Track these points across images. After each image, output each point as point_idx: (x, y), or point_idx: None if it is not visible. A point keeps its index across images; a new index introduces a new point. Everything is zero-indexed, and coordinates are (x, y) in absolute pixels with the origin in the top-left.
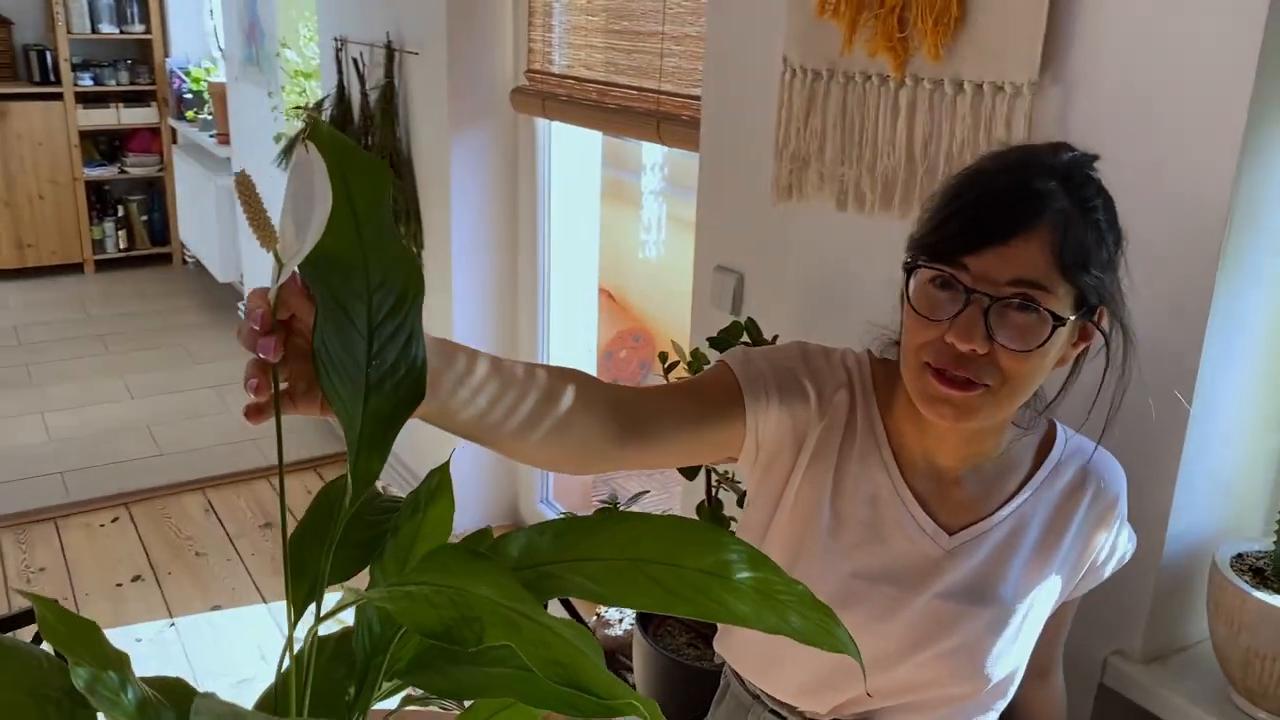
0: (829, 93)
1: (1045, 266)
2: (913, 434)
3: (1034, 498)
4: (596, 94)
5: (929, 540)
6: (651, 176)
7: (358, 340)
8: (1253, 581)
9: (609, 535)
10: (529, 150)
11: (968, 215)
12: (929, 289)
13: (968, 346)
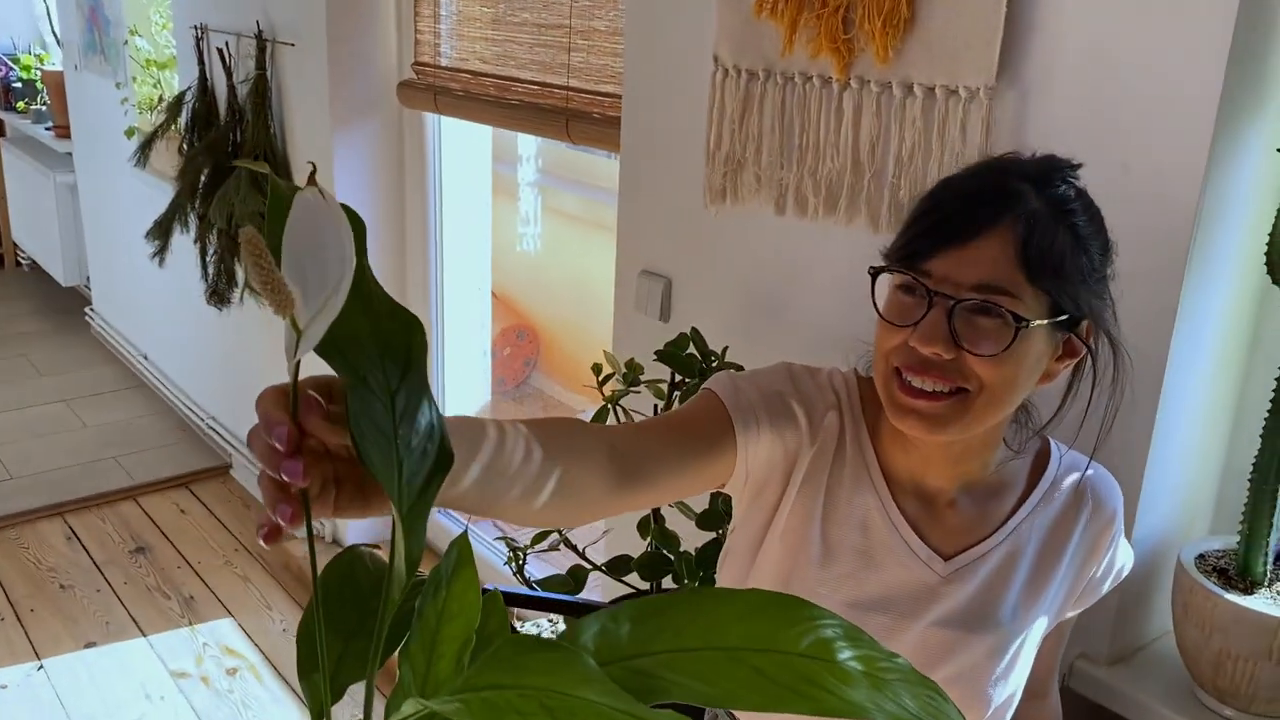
0: (765, 94)
1: (1009, 268)
2: (901, 455)
3: (1030, 518)
4: (495, 89)
5: (923, 566)
6: (527, 168)
7: (382, 411)
8: (1219, 582)
9: (690, 618)
10: (417, 147)
11: (932, 218)
12: (896, 295)
13: (930, 350)
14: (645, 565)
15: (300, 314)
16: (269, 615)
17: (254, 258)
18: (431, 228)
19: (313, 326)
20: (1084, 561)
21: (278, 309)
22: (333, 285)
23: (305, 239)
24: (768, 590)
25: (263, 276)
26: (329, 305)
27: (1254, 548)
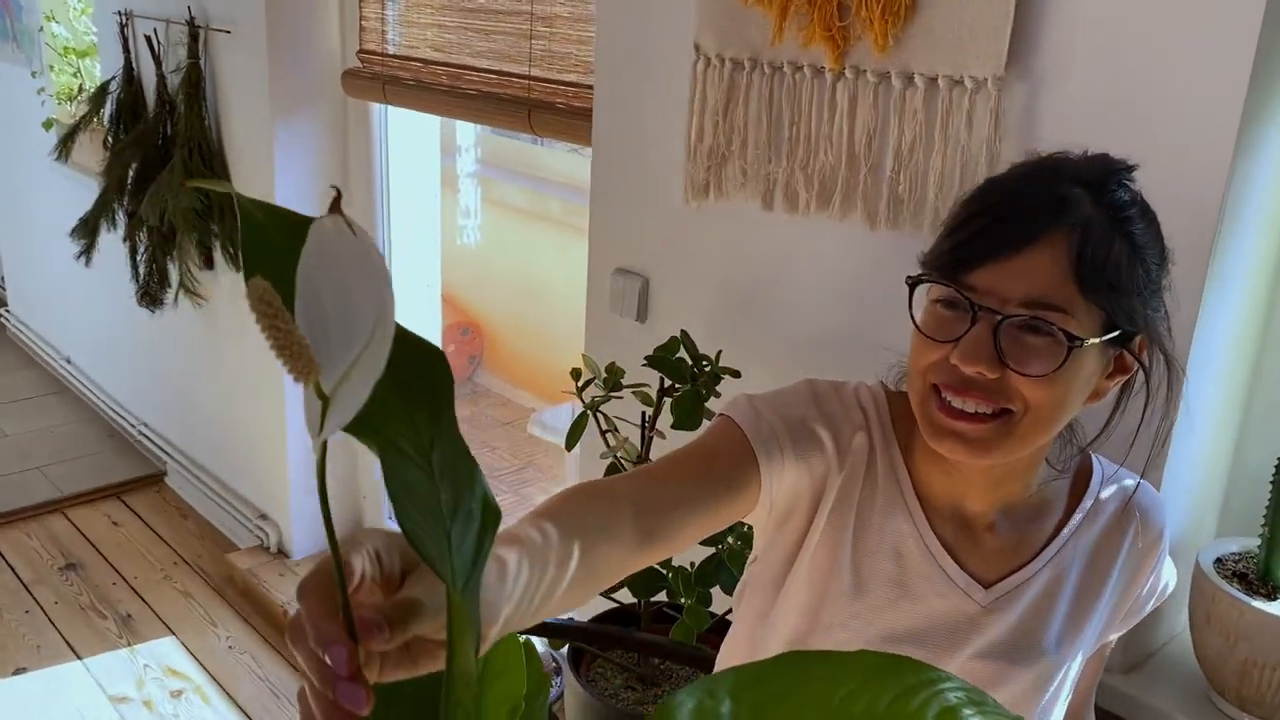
0: (751, 84)
1: (1061, 281)
2: (938, 477)
3: (1073, 539)
4: (448, 78)
5: (962, 595)
6: (466, 159)
7: (423, 479)
8: (1241, 588)
9: (797, 689)
10: (363, 139)
11: (977, 225)
12: (935, 308)
13: (973, 369)
14: (637, 581)
15: (325, 377)
16: (214, 632)
17: (267, 315)
18: (380, 223)
19: (344, 393)
20: (1129, 582)
21: (298, 375)
22: (364, 338)
23: (323, 280)
24: (875, 652)
25: (279, 338)
26: (363, 363)
27: (1275, 551)
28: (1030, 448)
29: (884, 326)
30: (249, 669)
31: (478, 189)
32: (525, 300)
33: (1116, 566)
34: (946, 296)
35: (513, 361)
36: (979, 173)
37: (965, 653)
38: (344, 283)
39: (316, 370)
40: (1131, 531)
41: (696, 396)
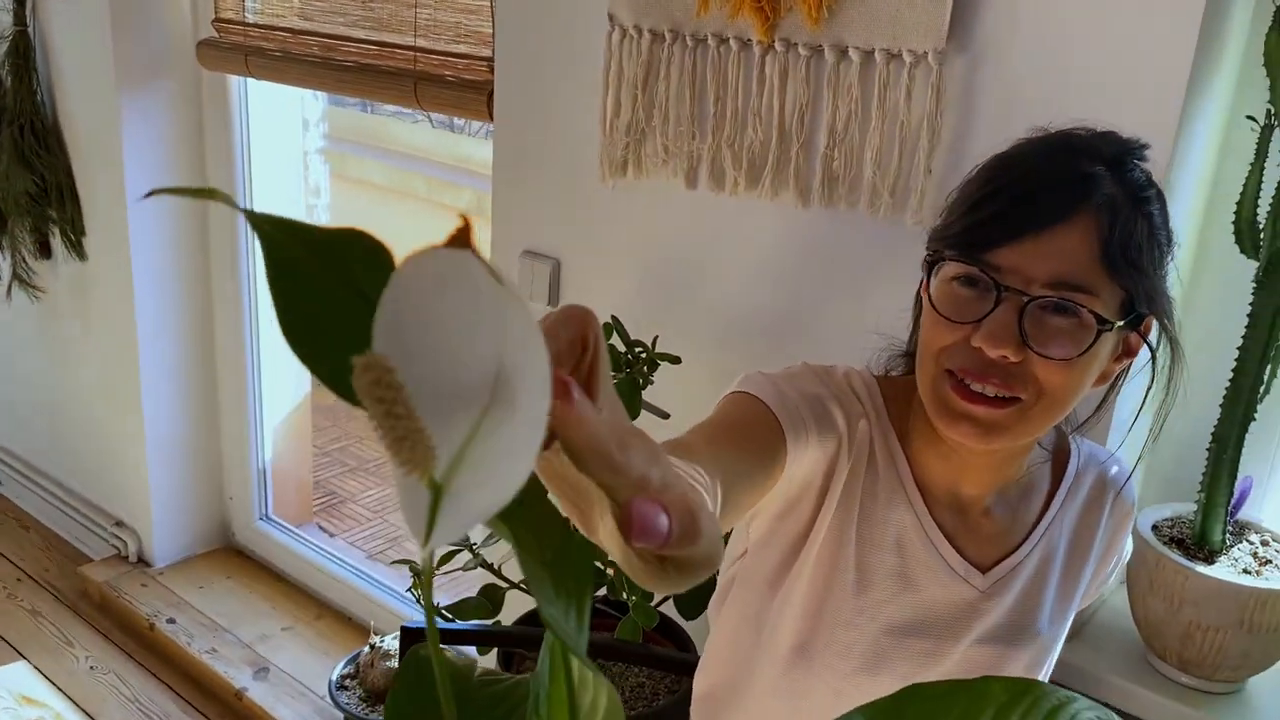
0: (672, 57)
1: (1088, 262)
2: (936, 463)
3: (1059, 518)
4: (320, 49)
5: (962, 583)
6: (313, 134)
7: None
8: (1180, 554)
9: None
10: (221, 115)
11: (1000, 202)
12: (953, 287)
13: (998, 352)
14: None
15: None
16: (70, 654)
17: (384, 400)
18: (241, 203)
19: (466, 481)
20: (1105, 552)
21: (412, 466)
22: (478, 403)
23: (416, 331)
24: (1002, 678)
25: (393, 424)
26: (487, 439)
27: (1212, 516)
28: (1041, 431)
29: (820, 308)
30: (115, 690)
31: (326, 166)
32: None
33: (1097, 540)
34: (967, 275)
35: None
36: (919, 148)
37: (967, 640)
38: (450, 333)
39: (433, 460)
40: (1109, 504)
41: (633, 384)
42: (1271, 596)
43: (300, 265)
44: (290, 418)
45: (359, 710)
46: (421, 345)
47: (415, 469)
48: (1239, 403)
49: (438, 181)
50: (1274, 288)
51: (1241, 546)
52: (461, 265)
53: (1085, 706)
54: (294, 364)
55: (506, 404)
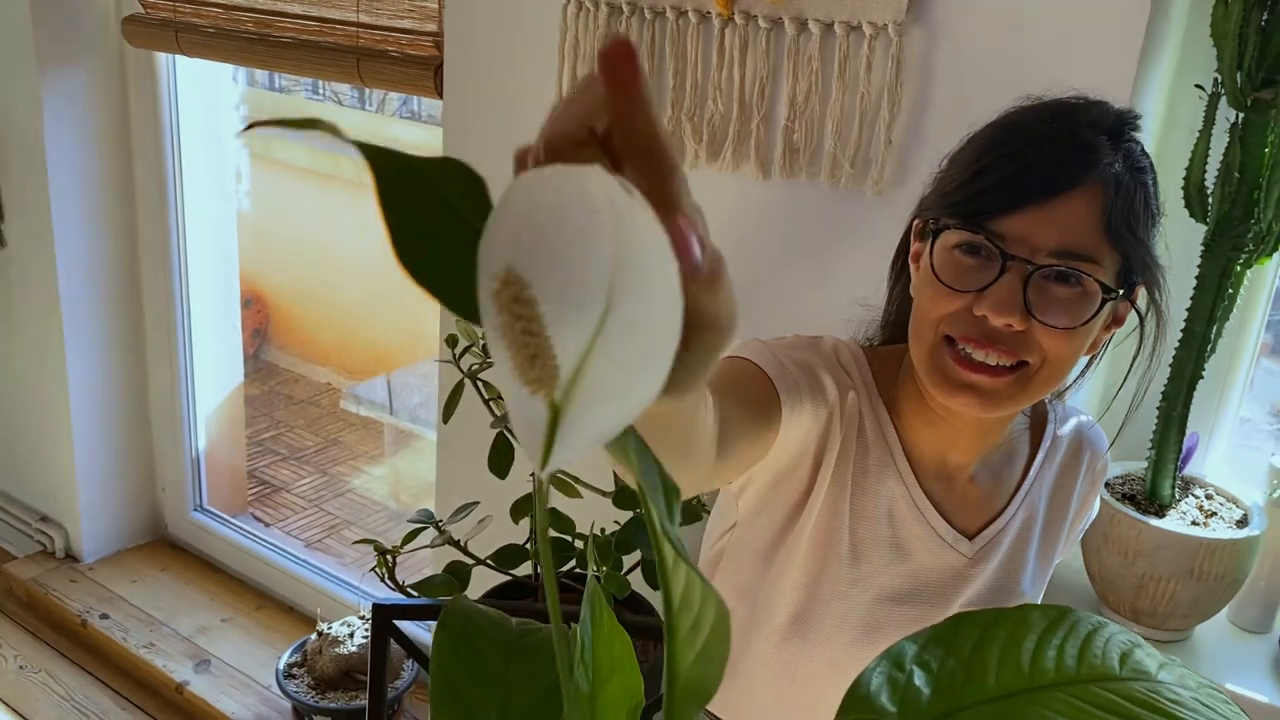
0: (630, 30)
1: (1092, 231)
2: (925, 432)
3: (1038, 480)
4: (255, 24)
5: (951, 550)
6: (232, 117)
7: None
8: (1134, 509)
9: (985, 651)
10: (148, 95)
11: (1005, 169)
12: (955, 255)
13: (1003, 321)
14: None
15: (592, 389)
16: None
17: (517, 311)
18: (171, 188)
19: (584, 398)
20: (1079, 510)
21: (538, 385)
22: (596, 308)
23: (538, 248)
24: (1040, 605)
25: (527, 341)
26: (608, 347)
27: (1162, 473)
28: (1035, 400)
29: (782, 278)
30: (46, 689)
31: (246, 149)
32: (313, 269)
33: (1074, 498)
34: (970, 243)
35: (303, 335)
36: (880, 120)
37: (955, 605)
38: (563, 247)
39: (556, 379)
40: (1085, 464)
41: None
42: (1218, 545)
43: (407, 194)
44: (223, 406)
45: (308, 698)
46: (534, 261)
47: (541, 388)
48: (1188, 362)
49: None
50: (1221, 250)
51: (1188, 501)
52: (580, 176)
53: (1116, 631)
54: (226, 352)
55: (626, 319)
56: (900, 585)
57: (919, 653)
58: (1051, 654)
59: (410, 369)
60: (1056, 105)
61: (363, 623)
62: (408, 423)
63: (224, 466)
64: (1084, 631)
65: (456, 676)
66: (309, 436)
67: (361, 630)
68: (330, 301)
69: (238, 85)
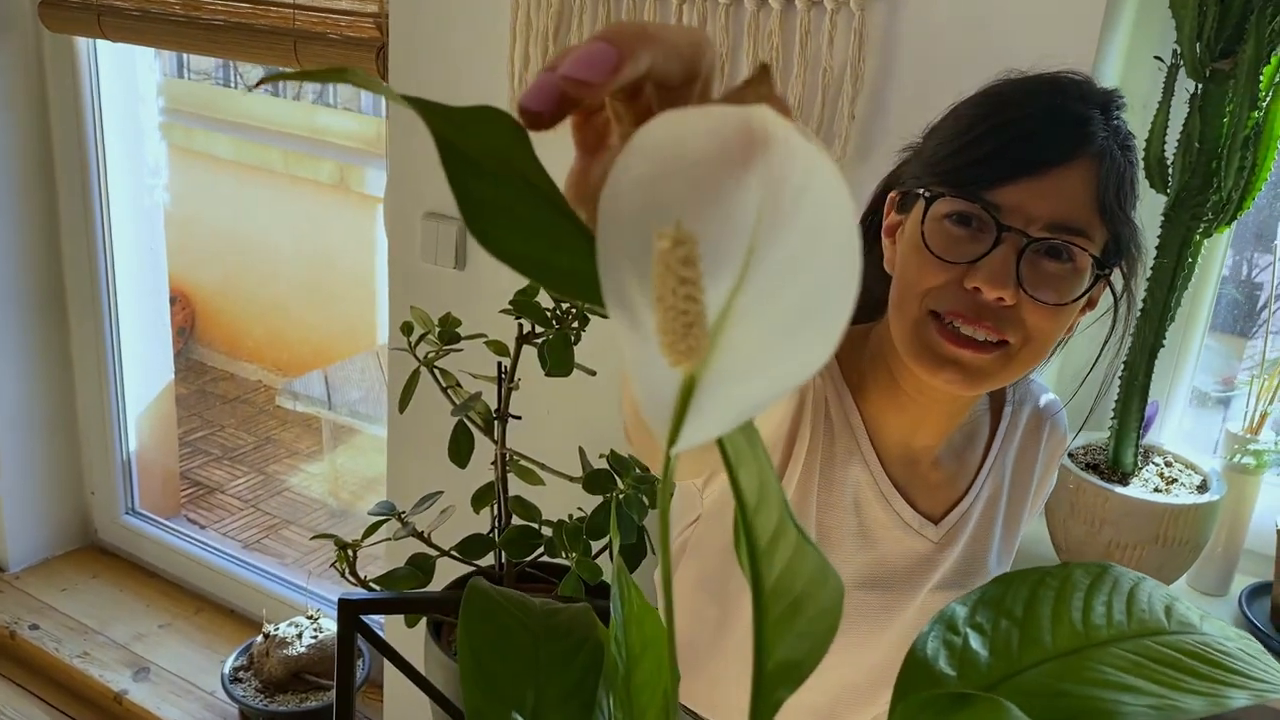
0: (585, 6)
1: (1086, 206)
2: (892, 415)
3: (1000, 458)
4: (182, 7)
5: (916, 535)
6: (150, 108)
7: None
8: (1099, 478)
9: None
10: (68, 82)
11: (1001, 138)
12: (944, 225)
13: (996, 294)
14: (513, 542)
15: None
16: None
17: (685, 275)
18: (94, 182)
19: (722, 369)
20: (1040, 482)
21: (688, 356)
22: (731, 277)
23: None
24: (1079, 563)
25: (688, 307)
26: (748, 319)
27: (1124, 441)
28: (1017, 378)
29: None
30: None
31: (164, 141)
32: (240, 263)
33: (1036, 473)
34: (962, 213)
35: (232, 332)
36: (843, 94)
37: (923, 590)
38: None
39: (704, 350)
40: (1045, 437)
41: (565, 340)
42: (1182, 511)
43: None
44: (153, 406)
45: (256, 702)
46: (687, 214)
47: (689, 359)
48: (1149, 332)
49: (295, 155)
50: (1181, 220)
51: (1149, 468)
52: (741, 117)
53: (1153, 585)
54: (155, 349)
55: (775, 277)
56: (868, 573)
57: (970, 615)
58: (1100, 610)
59: (348, 362)
60: (1046, 79)
61: (311, 623)
62: (347, 418)
63: (155, 468)
64: (1126, 587)
65: (487, 659)
66: (242, 435)
67: (310, 630)
68: (259, 296)
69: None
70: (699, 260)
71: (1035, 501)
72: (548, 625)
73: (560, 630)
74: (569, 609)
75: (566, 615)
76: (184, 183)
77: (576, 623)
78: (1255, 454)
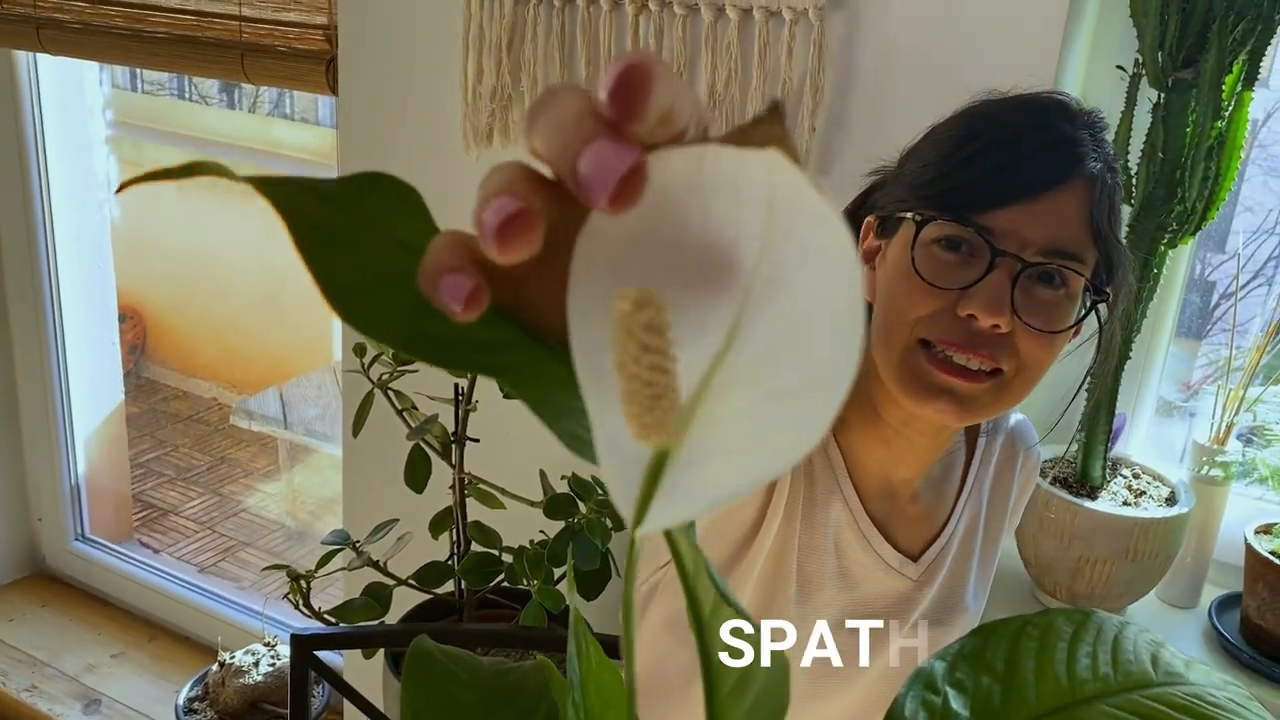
0: (539, 18)
1: (1080, 229)
2: (875, 450)
3: (976, 489)
4: (125, 19)
5: (896, 575)
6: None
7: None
8: (1067, 492)
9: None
10: (6, 98)
11: (996, 159)
12: (934, 250)
13: (992, 320)
14: (472, 570)
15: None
16: None
17: (649, 343)
18: (37, 198)
19: (698, 446)
20: (1015, 507)
21: (656, 431)
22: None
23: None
24: (1061, 609)
25: (656, 378)
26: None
27: (1093, 455)
28: (1009, 409)
29: None
30: None
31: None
32: (192, 279)
33: (1011, 498)
34: (954, 236)
35: (185, 349)
36: (803, 107)
37: (903, 629)
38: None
39: (673, 424)
40: (1019, 463)
41: None
42: (1151, 525)
43: (330, 226)
44: (103, 427)
45: None
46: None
47: (658, 435)
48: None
49: (246, 168)
50: (1146, 231)
51: (1117, 481)
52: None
53: (1138, 630)
54: (104, 369)
55: (766, 346)
56: (847, 614)
57: (949, 672)
58: (1085, 661)
59: (304, 379)
60: (1031, 99)
61: (268, 650)
62: (304, 436)
63: (106, 491)
64: (1110, 635)
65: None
66: (196, 455)
67: (267, 658)
68: (212, 312)
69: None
70: (667, 327)
71: (1011, 527)
72: (497, 688)
73: (511, 692)
74: (520, 669)
75: (517, 676)
76: (135, 197)
77: (528, 683)
78: (1223, 465)
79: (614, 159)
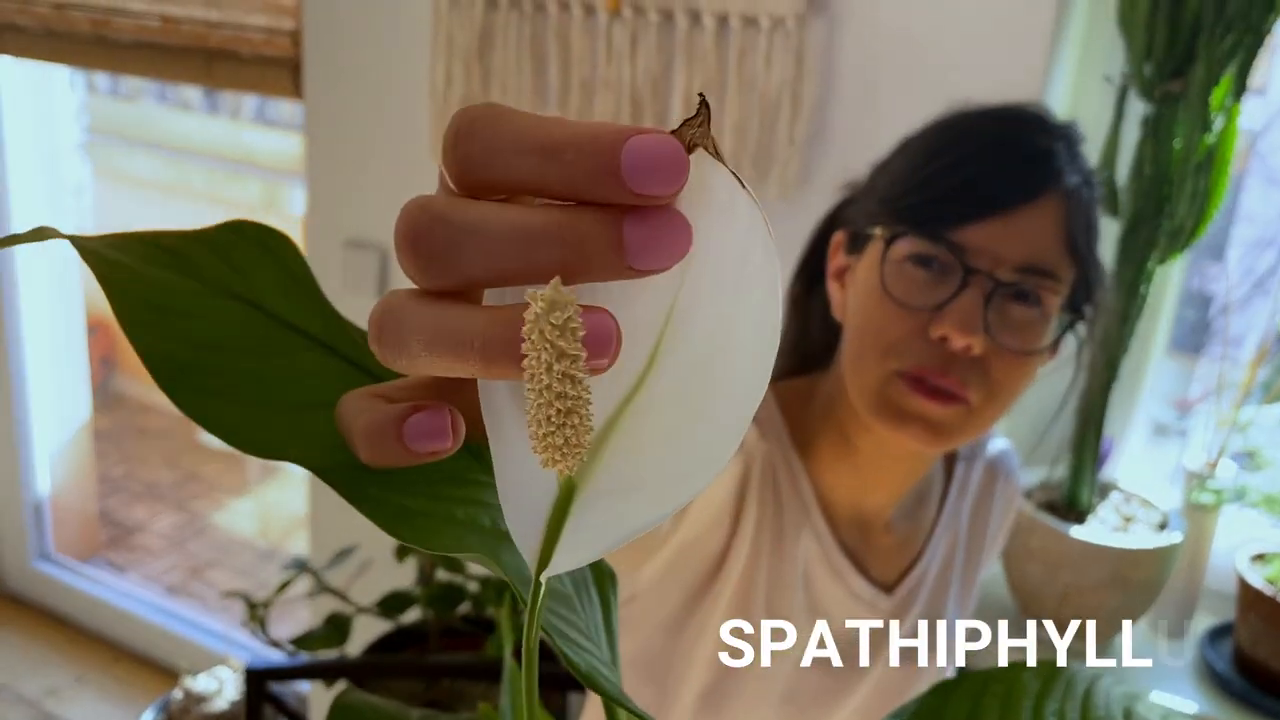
0: (509, 24)
1: (1056, 246)
2: (846, 477)
3: (954, 517)
4: (90, 24)
5: (867, 608)
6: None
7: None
8: (1054, 518)
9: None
10: None
11: (967, 172)
12: (905, 267)
13: (965, 341)
14: (439, 598)
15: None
16: None
17: (564, 350)
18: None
19: (606, 481)
20: (995, 534)
21: (564, 456)
22: (632, 372)
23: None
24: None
25: (569, 391)
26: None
27: (1080, 480)
28: (984, 433)
29: None
30: None
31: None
32: None
33: (992, 524)
34: (924, 254)
35: None
36: (781, 117)
37: (878, 662)
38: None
39: (583, 452)
40: (999, 489)
41: None
42: (1141, 553)
43: (165, 291)
44: (70, 443)
45: None
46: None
47: (565, 460)
48: (1103, 366)
49: (219, 175)
50: (1135, 248)
51: (1106, 506)
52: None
53: (1110, 682)
54: (70, 383)
55: (689, 364)
56: (819, 652)
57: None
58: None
59: None
60: (1004, 110)
61: (234, 674)
62: None
63: (72, 509)
64: (1080, 690)
65: None
66: (165, 471)
67: (232, 683)
68: None
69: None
70: (580, 331)
71: (991, 554)
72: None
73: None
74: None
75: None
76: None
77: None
78: (1214, 492)
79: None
